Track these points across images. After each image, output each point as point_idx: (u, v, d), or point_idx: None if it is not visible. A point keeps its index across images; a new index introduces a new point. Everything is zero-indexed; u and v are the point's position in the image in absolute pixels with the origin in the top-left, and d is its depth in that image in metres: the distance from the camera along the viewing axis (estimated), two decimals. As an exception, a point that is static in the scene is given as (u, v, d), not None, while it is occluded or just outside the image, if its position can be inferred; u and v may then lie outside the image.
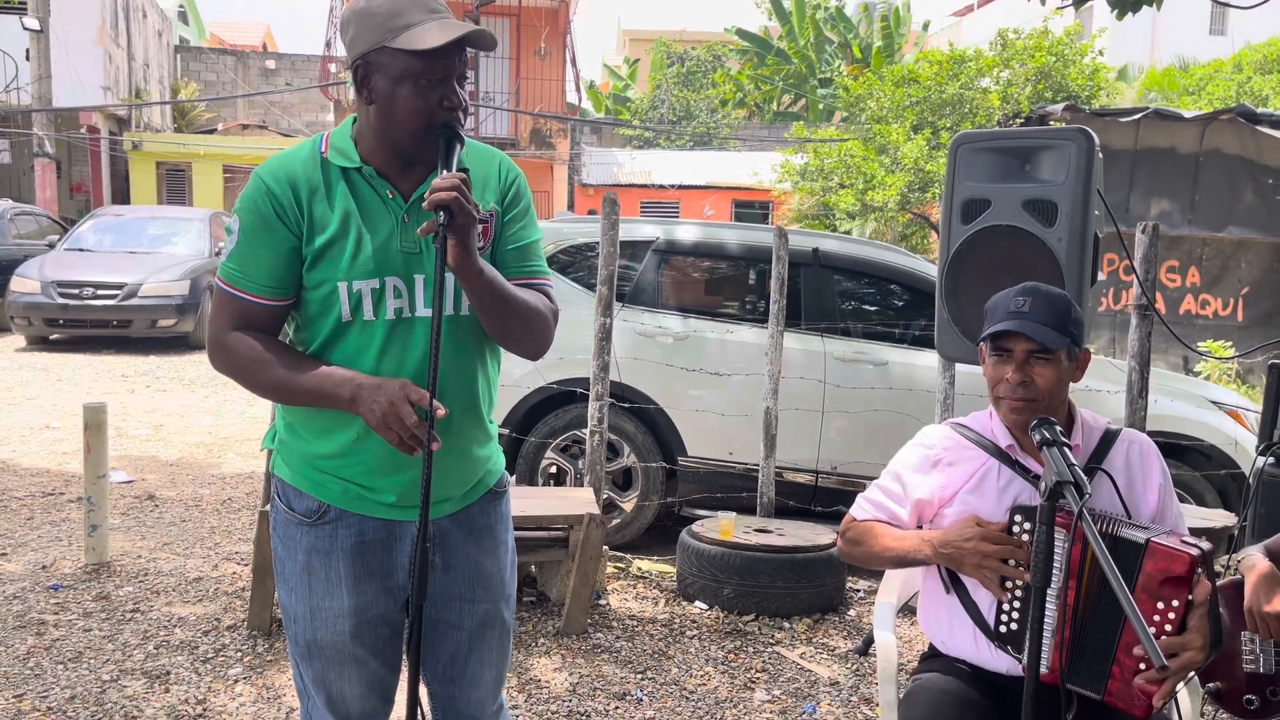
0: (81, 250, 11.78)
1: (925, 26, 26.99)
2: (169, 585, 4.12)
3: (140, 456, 6.38)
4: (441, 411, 1.64)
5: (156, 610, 3.85)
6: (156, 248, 11.94)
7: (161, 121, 23.20)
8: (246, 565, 4.26)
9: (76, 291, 10.76)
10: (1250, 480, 3.39)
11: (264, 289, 1.73)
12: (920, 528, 2.13)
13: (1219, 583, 2.15)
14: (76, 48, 18.47)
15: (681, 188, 20.92)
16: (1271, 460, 3.32)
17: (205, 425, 7.43)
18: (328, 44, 20.53)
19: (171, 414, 7.77)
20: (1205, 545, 1.88)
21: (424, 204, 1.62)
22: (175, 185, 20.45)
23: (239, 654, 3.49)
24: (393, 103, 1.68)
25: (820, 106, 25.48)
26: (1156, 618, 1.85)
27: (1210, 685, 2.21)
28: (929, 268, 5.13)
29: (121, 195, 20.24)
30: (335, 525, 1.79)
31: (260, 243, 1.71)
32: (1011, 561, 1.92)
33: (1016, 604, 1.96)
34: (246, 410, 7.91)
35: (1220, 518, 4.35)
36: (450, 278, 1.67)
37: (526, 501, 3.97)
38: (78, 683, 3.23)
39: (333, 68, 20.51)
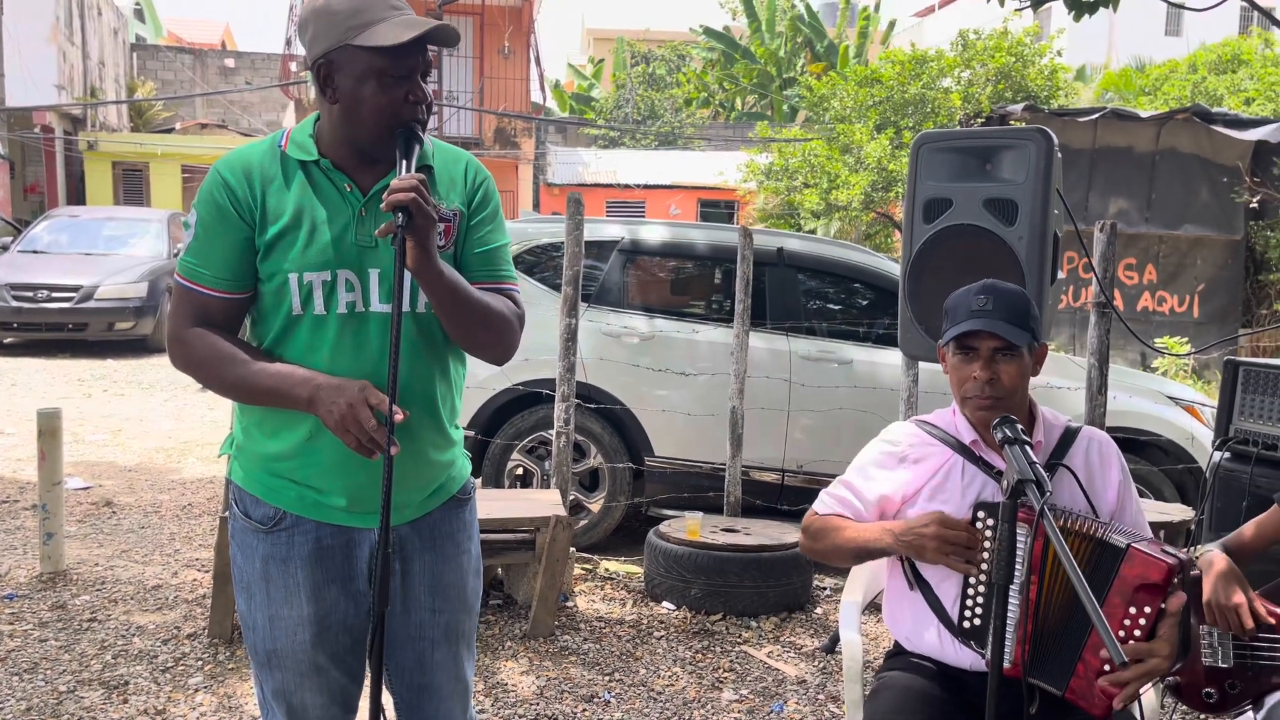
0: (36, 252, 11.56)
1: (892, 26, 27.20)
2: (127, 593, 4.05)
3: (97, 462, 6.26)
4: (400, 416, 1.61)
5: (114, 619, 3.78)
6: (113, 249, 11.74)
7: (118, 121, 22.82)
8: (207, 572, 4.19)
9: (31, 294, 10.55)
10: (1207, 475, 3.44)
11: (220, 281, 1.71)
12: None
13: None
14: (29, 46, 18.10)
15: (647, 187, 20.93)
16: (1227, 455, 3.37)
17: (164, 429, 7.32)
18: (288, 42, 20.29)
19: (129, 418, 7.64)
20: (1184, 556, 1.91)
21: (382, 205, 1.60)
22: (132, 186, 20.12)
23: (199, 663, 3.43)
24: (357, 101, 1.66)
25: (785, 106, 25.61)
26: (1127, 622, 1.87)
27: (1170, 679, 2.24)
28: (892, 266, 5.17)
29: (77, 196, 19.89)
30: (292, 532, 1.76)
31: (216, 235, 1.70)
32: (974, 559, 1.94)
33: (979, 600, 1.97)
34: (207, 414, 7.80)
35: (1178, 512, 4.42)
36: (407, 275, 1.66)
37: (493, 504, 3.95)
38: (34, 694, 3.16)
39: (293, 66, 20.27)
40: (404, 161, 1.66)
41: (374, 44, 1.62)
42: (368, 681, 1.78)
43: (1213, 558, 2.21)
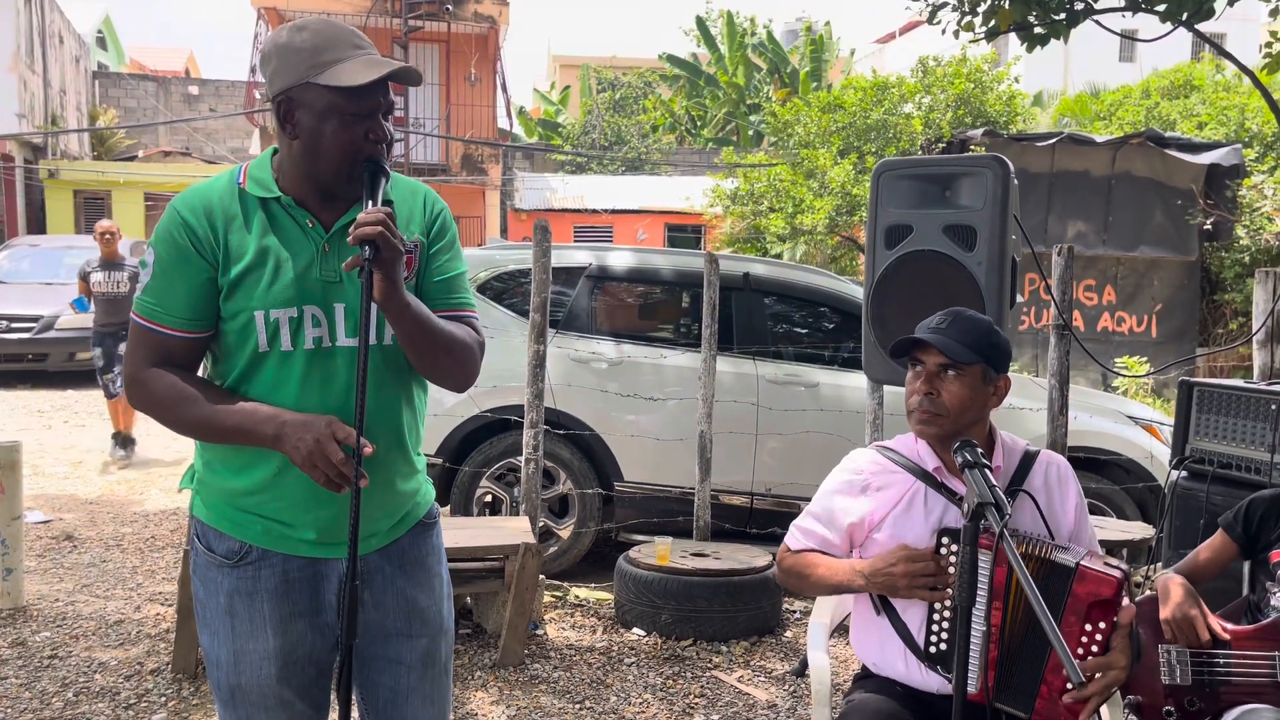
0: (-5, 282, 11.39)
1: (852, 54, 27.62)
2: (89, 629, 3.98)
3: (57, 495, 6.16)
4: (369, 449, 1.62)
5: (76, 655, 3.71)
6: (74, 278, 11.58)
7: (80, 149, 22.58)
8: (171, 606, 4.13)
9: (-11, 325, 10.38)
10: (1165, 493, 3.51)
11: (181, 322, 1.70)
12: (853, 550, 2.16)
13: (1137, 599, 2.24)
14: (-12, 73, 17.91)
15: (615, 212, 21.01)
16: (1184, 474, 3.44)
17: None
18: (252, 69, 20.20)
19: (90, 450, 7.52)
20: (1125, 566, 1.96)
21: (349, 239, 1.61)
22: (94, 214, 19.84)
23: (163, 699, 3.38)
24: (317, 138, 1.66)
25: (750, 132, 25.86)
26: (1085, 639, 1.91)
27: (1130, 698, 2.28)
28: (856, 290, 5.23)
29: (37, 225, 19.61)
30: (258, 566, 1.75)
31: (176, 275, 1.69)
32: (941, 585, 1.97)
33: (945, 624, 2.00)
34: (170, 445, 7.70)
35: (1139, 530, 4.49)
36: (374, 307, 1.66)
37: (461, 533, 3.93)
38: (-9, 735, 3.10)
39: (258, 94, 20.18)
40: (369, 196, 1.67)
41: (336, 83, 1.63)
42: (334, 713, 1.77)
43: (1168, 579, 2.27)
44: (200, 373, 1.76)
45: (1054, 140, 10.79)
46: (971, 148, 10.76)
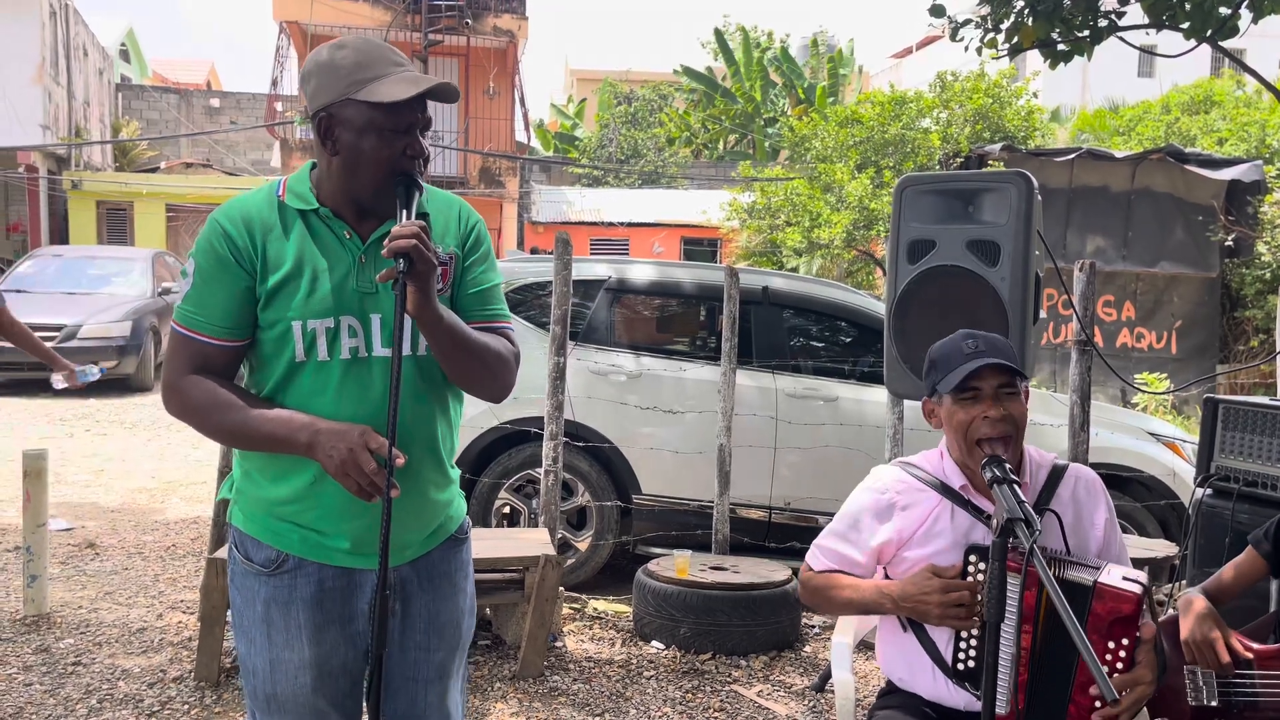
0: (19, 291, 11.49)
1: (860, 70, 27.62)
2: (112, 636, 4.01)
3: (80, 503, 6.21)
4: (401, 460, 1.63)
5: (99, 663, 3.74)
6: (97, 288, 11.70)
7: (102, 160, 22.83)
8: (193, 614, 4.16)
9: (13, 333, 10.49)
10: (1190, 511, 3.49)
11: (220, 330, 1.72)
12: (878, 567, 2.16)
13: (1160, 619, 2.22)
14: (14, 86, 18.14)
15: (631, 225, 21.07)
16: (1209, 492, 3.42)
17: (147, 470, 7.26)
18: (274, 82, 20.40)
19: (112, 458, 7.58)
20: (1144, 579, 1.94)
21: (384, 251, 1.63)
22: (116, 225, 20.09)
23: (186, 706, 3.40)
24: (357, 154, 1.69)
25: (766, 146, 25.90)
26: (1109, 656, 1.90)
27: (1158, 722, 2.27)
28: (876, 304, 5.23)
29: (60, 235, 19.82)
30: (294, 575, 1.77)
31: (216, 284, 1.71)
32: (974, 611, 1.97)
33: (974, 641, 1.99)
34: (190, 454, 7.75)
35: (1162, 548, 4.46)
36: (408, 319, 1.68)
37: (481, 543, 3.92)
38: (16, 741, 3.12)
39: (279, 106, 20.38)
40: (404, 209, 1.69)
41: (376, 99, 1.66)
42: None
43: (1191, 599, 2.26)
44: (238, 382, 1.79)
45: (1073, 155, 10.77)
46: (990, 163, 10.75)
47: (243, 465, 1.81)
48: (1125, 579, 1.92)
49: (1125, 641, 1.90)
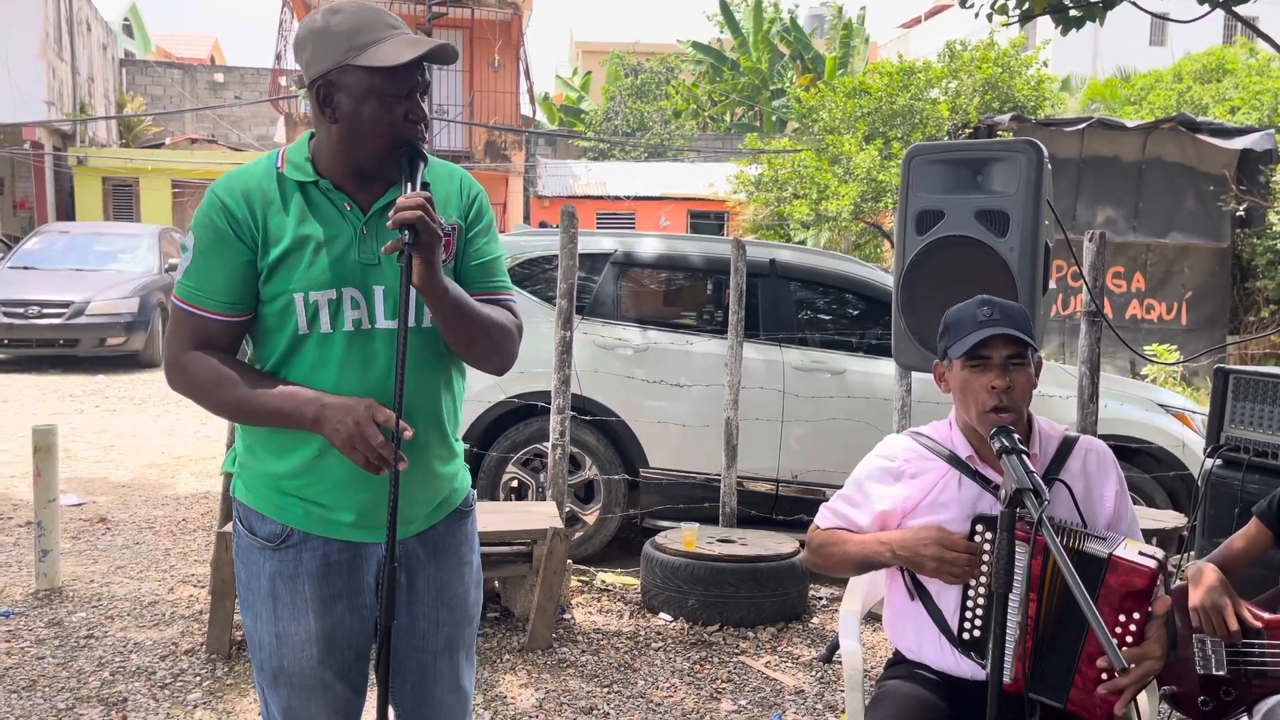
0: (26, 268, 11.52)
1: (866, 41, 27.36)
2: (124, 610, 4.04)
3: (90, 478, 6.24)
4: (409, 433, 1.63)
5: (111, 636, 3.77)
6: (104, 265, 11.72)
7: (107, 136, 22.79)
8: (203, 588, 4.18)
9: (21, 310, 10.52)
10: (1199, 482, 3.48)
11: (222, 305, 1.71)
12: None
13: (1171, 588, 2.22)
14: (18, 62, 18.08)
15: (637, 199, 20.99)
16: (1219, 462, 3.41)
17: (157, 445, 7.30)
18: (277, 56, 20.30)
19: (122, 434, 7.62)
20: (1160, 554, 1.93)
21: (389, 223, 1.61)
22: (122, 201, 20.09)
23: (198, 678, 3.43)
24: (357, 121, 1.67)
25: (773, 118, 25.72)
26: (1119, 629, 1.89)
27: (1166, 689, 2.27)
28: (883, 276, 5.20)
29: (66, 212, 19.84)
30: (299, 549, 1.77)
31: (216, 259, 1.70)
32: (972, 574, 1.96)
33: (980, 611, 1.99)
34: (200, 429, 7.78)
35: (1171, 518, 4.46)
36: (411, 290, 1.67)
37: (489, 517, 3.95)
38: (32, 712, 3.15)
39: (283, 81, 20.29)
40: (408, 180, 1.67)
41: (375, 64, 1.63)
42: (371, 694, 1.79)
43: (1201, 568, 2.25)
44: (240, 357, 1.78)
45: (1083, 125, 10.67)
46: (999, 133, 10.65)
47: (246, 439, 1.81)
48: (1141, 553, 1.91)
49: (1136, 615, 1.89)
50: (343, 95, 1.67)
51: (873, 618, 3.62)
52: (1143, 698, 2.13)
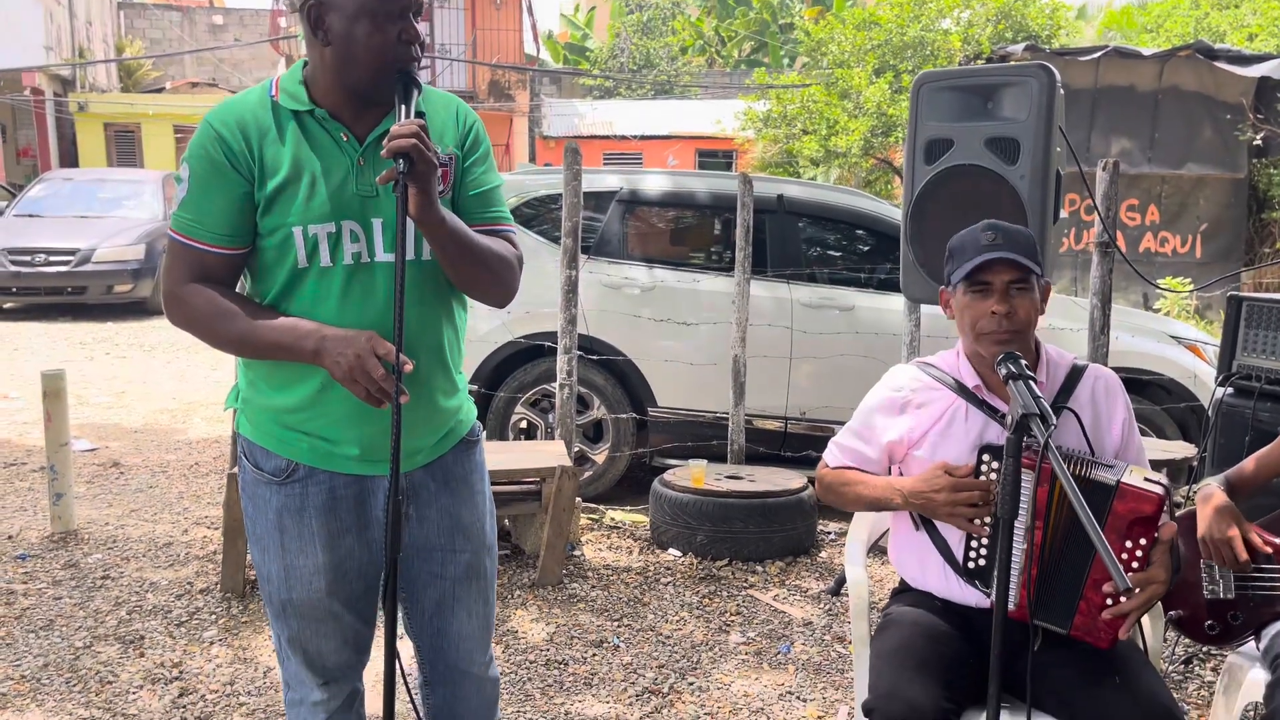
0: (31, 216, 11.49)
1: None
2: (139, 551, 4.09)
3: (103, 424, 6.29)
4: (409, 366, 1.61)
5: (127, 576, 3.82)
6: (109, 211, 11.68)
7: (107, 82, 22.58)
8: (217, 529, 4.23)
9: (28, 258, 10.52)
10: (1210, 412, 3.45)
11: (219, 237, 1.68)
12: (891, 468, 2.15)
13: (1178, 514, 2.20)
14: (15, 6, 17.84)
15: (644, 138, 20.74)
16: (1230, 391, 3.38)
17: (168, 391, 7.33)
18: (277, -2, 19.99)
19: (133, 380, 7.65)
20: (1165, 481, 1.92)
21: (383, 152, 1.58)
22: (125, 147, 19.97)
23: (213, 616, 3.48)
24: (350, 42, 1.63)
25: (781, 52, 25.27)
26: (1124, 556, 1.89)
27: (1172, 613, 2.27)
28: (893, 211, 5.14)
29: (70, 159, 19.74)
30: (305, 483, 1.77)
31: (213, 189, 1.67)
32: (983, 511, 1.96)
33: (985, 539, 1.99)
34: (210, 374, 7.81)
35: (1180, 449, 4.44)
36: (410, 223, 1.64)
37: (498, 456, 3.96)
38: (50, 650, 3.21)
39: (283, 22, 20.01)
40: (403, 107, 1.64)
41: None
42: (381, 623, 1.80)
43: (1210, 491, 2.22)
44: (240, 290, 1.76)
45: (1099, 54, 10.44)
46: (1012, 63, 10.44)
47: (247, 374, 1.80)
48: (1147, 479, 1.90)
49: (1143, 541, 1.89)
50: (335, 16, 1.63)
51: (878, 550, 3.64)
52: (1146, 622, 2.14)
